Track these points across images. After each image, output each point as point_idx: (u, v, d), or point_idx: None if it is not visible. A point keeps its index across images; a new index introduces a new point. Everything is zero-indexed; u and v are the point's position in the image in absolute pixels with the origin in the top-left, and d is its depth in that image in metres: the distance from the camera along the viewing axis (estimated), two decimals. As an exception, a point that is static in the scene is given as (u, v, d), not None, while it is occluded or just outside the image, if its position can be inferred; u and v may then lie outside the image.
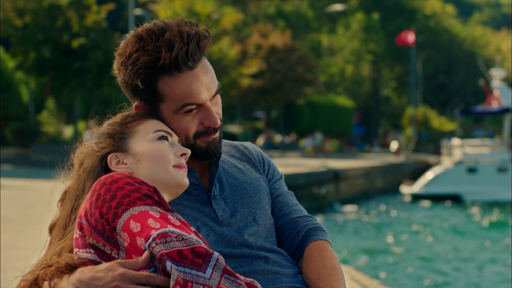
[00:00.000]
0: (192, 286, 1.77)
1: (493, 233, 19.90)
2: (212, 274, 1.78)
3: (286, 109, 52.09)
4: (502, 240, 18.42)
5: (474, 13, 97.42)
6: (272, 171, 2.37)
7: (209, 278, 1.78)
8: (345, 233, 19.66)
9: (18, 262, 6.62)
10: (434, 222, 22.68)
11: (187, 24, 2.09)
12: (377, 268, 14.24)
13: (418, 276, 13.62)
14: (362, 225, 21.58)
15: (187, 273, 1.78)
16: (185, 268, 1.78)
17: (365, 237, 19.15)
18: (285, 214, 2.29)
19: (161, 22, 2.09)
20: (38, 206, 12.61)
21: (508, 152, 30.53)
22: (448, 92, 71.87)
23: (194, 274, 1.78)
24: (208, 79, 2.12)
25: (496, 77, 35.42)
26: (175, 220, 1.88)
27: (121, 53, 2.11)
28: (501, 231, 20.20)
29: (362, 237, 19.01)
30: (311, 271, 2.17)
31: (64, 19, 30.33)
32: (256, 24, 51.14)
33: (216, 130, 2.16)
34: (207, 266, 1.79)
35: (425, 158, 43.15)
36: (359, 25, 63.32)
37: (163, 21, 2.10)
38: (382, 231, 20.29)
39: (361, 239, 18.62)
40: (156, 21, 2.11)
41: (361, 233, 19.78)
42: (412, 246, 17.55)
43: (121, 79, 2.14)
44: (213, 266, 1.79)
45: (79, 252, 1.92)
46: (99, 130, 2.11)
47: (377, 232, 20.20)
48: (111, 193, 1.89)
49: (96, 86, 30.86)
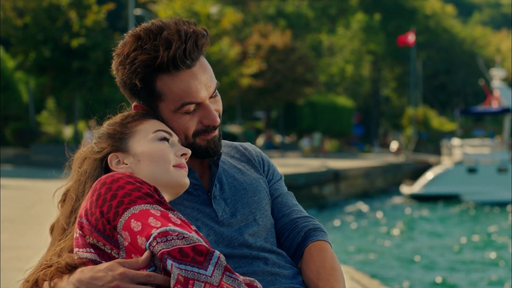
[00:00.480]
0: (194, 284, 1.76)
1: (493, 233, 19.90)
2: (214, 272, 1.78)
3: (286, 109, 52.09)
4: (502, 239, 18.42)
5: (474, 13, 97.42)
6: (272, 171, 2.37)
7: (211, 276, 1.78)
8: (345, 233, 19.66)
9: (18, 262, 6.61)
10: (434, 222, 22.68)
11: (185, 23, 2.09)
12: (377, 268, 14.24)
13: (418, 276, 13.62)
14: (362, 225, 21.58)
15: (189, 270, 1.77)
16: (186, 265, 1.78)
17: (365, 237, 19.15)
18: (285, 215, 2.29)
19: (159, 22, 2.09)
20: (38, 206, 12.62)
21: (508, 152, 30.54)
22: (448, 92, 71.87)
23: (195, 271, 1.78)
24: (207, 77, 2.12)
25: (496, 77, 35.44)
26: (176, 218, 1.88)
27: (119, 52, 2.12)
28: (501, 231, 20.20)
29: (362, 237, 19.01)
30: (311, 271, 2.17)
31: (64, 19, 30.33)
32: (256, 24, 51.15)
33: (216, 128, 2.16)
34: (208, 263, 1.79)
35: (425, 158, 43.15)
36: (359, 25, 63.33)
37: (161, 20, 2.10)
38: (382, 231, 20.28)
39: (361, 239, 18.62)
40: (154, 21, 2.11)
41: (361, 233, 19.78)
42: (412, 246, 17.55)
43: (119, 79, 2.14)
44: (215, 264, 1.79)
45: (79, 252, 1.92)
46: (99, 130, 2.11)
47: (377, 232, 20.20)
48: (112, 192, 1.89)
49: (96, 86, 30.85)
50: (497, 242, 18.18)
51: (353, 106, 60.77)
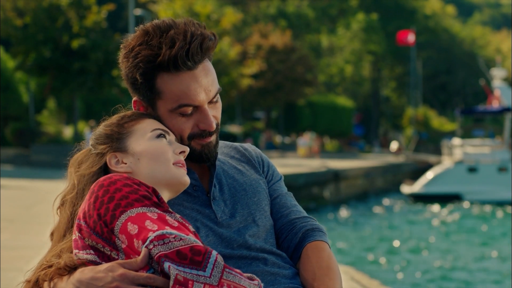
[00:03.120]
0: (193, 285, 1.77)
1: (493, 233, 19.89)
2: (212, 272, 1.79)
3: (286, 109, 52.09)
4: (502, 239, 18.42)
5: (474, 13, 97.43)
6: (272, 172, 2.37)
7: (210, 276, 1.78)
8: (345, 233, 19.66)
9: (18, 262, 6.62)
10: (434, 222, 22.68)
11: (194, 24, 2.09)
12: (377, 268, 14.24)
13: (418, 276, 13.62)
14: (362, 225, 21.58)
15: (187, 272, 1.78)
16: (184, 268, 1.78)
17: (365, 236, 19.15)
18: (284, 215, 2.29)
19: (170, 20, 2.10)
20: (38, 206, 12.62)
21: (509, 152, 30.53)
22: (448, 92, 71.86)
23: (194, 273, 1.78)
24: (208, 82, 2.11)
25: (496, 77, 35.45)
26: (173, 221, 1.88)
27: (126, 45, 2.13)
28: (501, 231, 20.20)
29: (362, 237, 19.01)
30: (307, 272, 2.17)
31: (64, 19, 30.33)
32: (256, 24, 51.15)
33: (212, 134, 2.15)
34: (207, 263, 1.79)
35: (425, 158, 43.13)
36: (359, 25, 63.32)
37: (172, 19, 2.11)
38: (382, 231, 20.29)
39: (361, 239, 18.62)
40: (166, 19, 2.12)
41: (361, 233, 19.78)
42: (412, 245, 17.54)
43: (123, 72, 2.15)
44: (213, 263, 1.80)
45: (79, 254, 1.92)
46: (96, 132, 2.11)
47: (377, 231, 20.20)
48: (109, 194, 1.89)
49: (96, 86, 30.85)
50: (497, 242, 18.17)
51: (353, 106, 60.77)
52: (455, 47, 70.82)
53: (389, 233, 20.01)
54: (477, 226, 21.49)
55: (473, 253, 16.44)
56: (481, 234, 19.77)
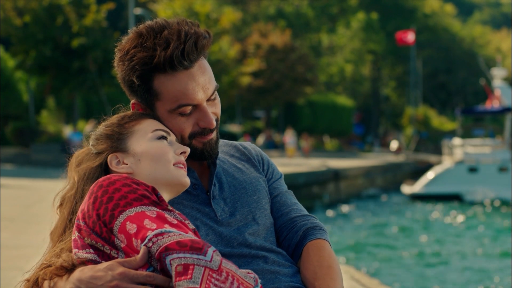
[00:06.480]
0: (194, 268, 1.76)
1: (492, 233, 19.90)
2: (213, 257, 1.79)
3: (286, 108, 52.10)
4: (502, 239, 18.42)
5: (474, 12, 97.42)
6: (272, 170, 2.37)
7: (210, 261, 1.78)
8: (345, 232, 19.66)
9: (18, 261, 6.62)
10: (434, 222, 22.68)
11: (187, 23, 2.08)
12: (377, 268, 14.24)
13: (418, 276, 13.62)
14: (362, 225, 21.58)
15: (188, 257, 1.77)
16: (185, 253, 1.78)
17: (365, 236, 19.15)
18: (284, 214, 2.29)
19: (162, 20, 2.10)
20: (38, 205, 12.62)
21: (509, 152, 30.52)
22: (448, 91, 71.83)
23: (194, 257, 1.77)
24: (205, 79, 2.11)
25: (497, 77, 35.43)
26: (172, 219, 1.88)
27: (120, 48, 2.12)
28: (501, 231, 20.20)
29: (362, 237, 19.01)
30: (308, 271, 2.17)
31: (64, 18, 30.33)
32: (256, 24, 51.14)
33: (212, 131, 2.16)
34: (207, 250, 1.79)
35: (426, 157, 43.12)
36: (359, 24, 63.31)
37: (165, 20, 2.10)
38: (382, 231, 20.29)
39: (361, 239, 18.62)
40: (158, 19, 2.11)
41: (361, 233, 19.78)
42: (412, 245, 17.55)
43: (119, 75, 2.14)
44: (213, 251, 1.80)
45: (79, 253, 1.92)
46: (96, 132, 2.10)
47: (377, 231, 20.20)
48: (108, 195, 1.89)
49: (96, 85, 30.85)
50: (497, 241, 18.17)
51: (353, 106, 60.77)
52: (455, 47, 70.79)
53: (389, 233, 20.01)
54: (477, 226, 21.48)
55: (473, 252, 16.44)
56: (481, 233, 19.77)
